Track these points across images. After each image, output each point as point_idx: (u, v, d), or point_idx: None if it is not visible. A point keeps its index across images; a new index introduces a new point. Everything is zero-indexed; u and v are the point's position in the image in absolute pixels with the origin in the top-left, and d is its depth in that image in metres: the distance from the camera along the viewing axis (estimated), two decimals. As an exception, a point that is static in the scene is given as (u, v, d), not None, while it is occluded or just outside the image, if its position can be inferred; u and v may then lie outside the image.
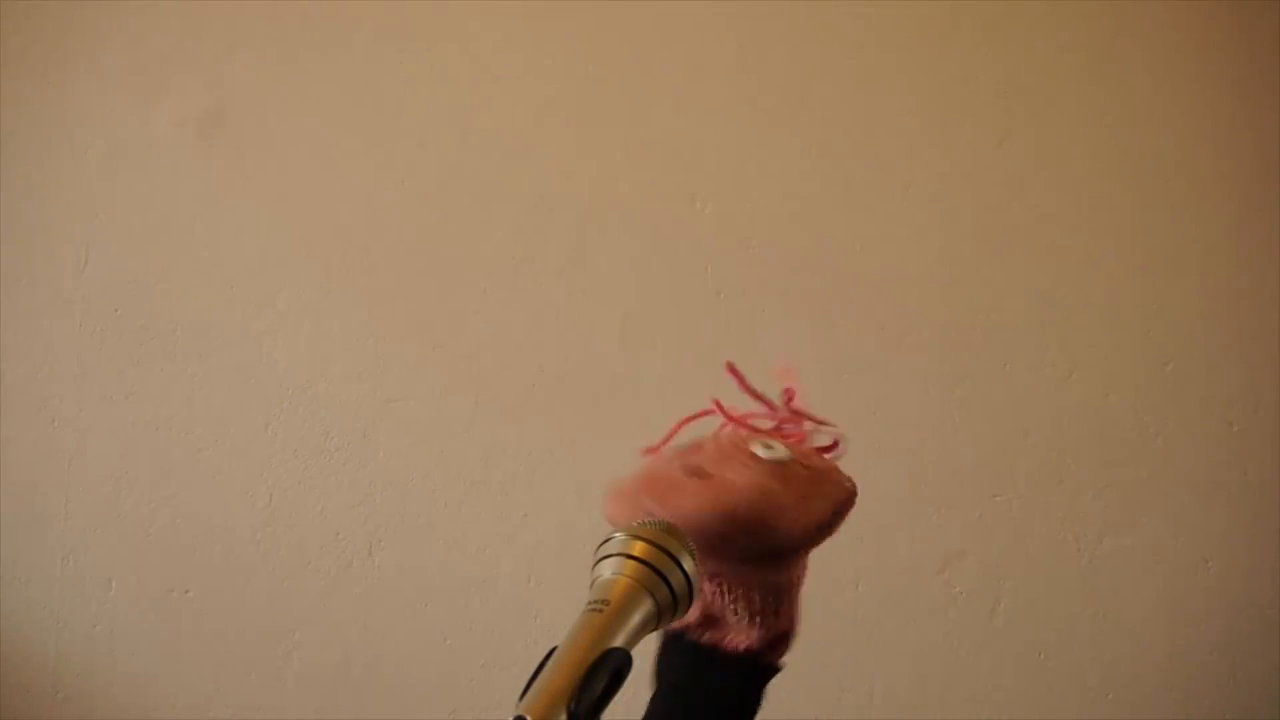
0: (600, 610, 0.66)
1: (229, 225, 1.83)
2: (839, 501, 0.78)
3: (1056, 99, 1.77)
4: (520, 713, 0.60)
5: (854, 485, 0.79)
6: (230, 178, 1.84)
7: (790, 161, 1.78)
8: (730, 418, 0.82)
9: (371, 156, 1.82)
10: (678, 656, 0.79)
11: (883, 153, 1.77)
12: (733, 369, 0.83)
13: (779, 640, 0.79)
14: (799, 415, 0.82)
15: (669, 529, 0.71)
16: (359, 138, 1.83)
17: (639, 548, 0.69)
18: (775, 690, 0.79)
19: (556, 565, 1.74)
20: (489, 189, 1.81)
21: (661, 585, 0.69)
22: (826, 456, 0.82)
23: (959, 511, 1.73)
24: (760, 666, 0.78)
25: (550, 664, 0.63)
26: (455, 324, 1.79)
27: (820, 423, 0.83)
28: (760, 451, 0.77)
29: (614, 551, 0.70)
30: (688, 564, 0.70)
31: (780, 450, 0.77)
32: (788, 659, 0.79)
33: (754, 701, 0.78)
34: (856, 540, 1.70)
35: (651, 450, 0.82)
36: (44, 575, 1.81)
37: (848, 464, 0.82)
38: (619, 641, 0.65)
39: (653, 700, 0.79)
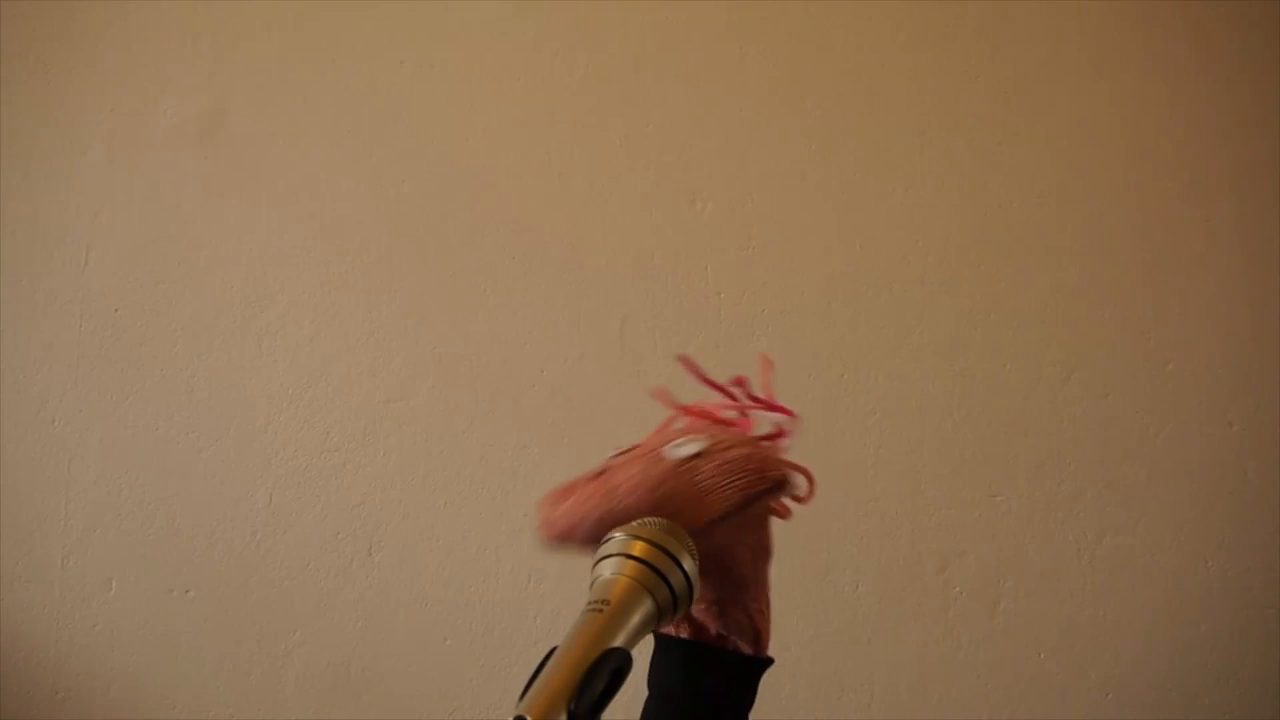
0: (600, 610, 0.66)
1: (229, 225, 1.83)
2: (752, 489, 0.77)
3: (1056, 99, 1.78)
4: (520, 713, 0.60)
5: (783, 474, 0.78)
6: (230, 178, 1.84)
7: (790, 161, 1.78)
8: (676, 407, 0.84)
9: (371, 156, 1.83)
10: (667, 658, 0.79)
11: (883, 153, 1.78)
12: (687, 361, 0.84)
13: (756, 636, 0.78)
14: (756, 401, 0.83)
15: (669, 529, 0.71)
16: (359, 138, 1.83)
17: (639, 548, 0.69)
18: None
19: (556, 565, 1.73)
20: (489, 189, 1.81)
21: (661, 585, 0.68)
22: (768, 444, 0.82)
23: (959, 511, 1.73)
24: (752, 661, 0.78)
25: (550, 664, 0.63)
26: (455, 324, 1.79)
27: (774, 408, 0.83)
28: (667, 452, 0.77)
29: (614, 551, 0.70)
30: (688, 564, 0.70)
31: (690, 447, 0.77)
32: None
33: (747, 698, 0.78)
34: (856, 540, 1.70)
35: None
36: (44, 575, 1.80)
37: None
38: (619, 641, 0.65)
39: (646, 705, 0.78)
